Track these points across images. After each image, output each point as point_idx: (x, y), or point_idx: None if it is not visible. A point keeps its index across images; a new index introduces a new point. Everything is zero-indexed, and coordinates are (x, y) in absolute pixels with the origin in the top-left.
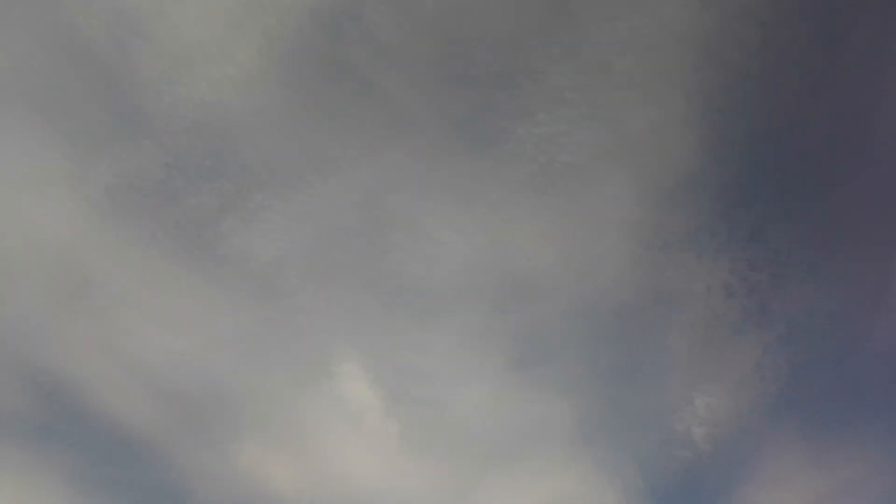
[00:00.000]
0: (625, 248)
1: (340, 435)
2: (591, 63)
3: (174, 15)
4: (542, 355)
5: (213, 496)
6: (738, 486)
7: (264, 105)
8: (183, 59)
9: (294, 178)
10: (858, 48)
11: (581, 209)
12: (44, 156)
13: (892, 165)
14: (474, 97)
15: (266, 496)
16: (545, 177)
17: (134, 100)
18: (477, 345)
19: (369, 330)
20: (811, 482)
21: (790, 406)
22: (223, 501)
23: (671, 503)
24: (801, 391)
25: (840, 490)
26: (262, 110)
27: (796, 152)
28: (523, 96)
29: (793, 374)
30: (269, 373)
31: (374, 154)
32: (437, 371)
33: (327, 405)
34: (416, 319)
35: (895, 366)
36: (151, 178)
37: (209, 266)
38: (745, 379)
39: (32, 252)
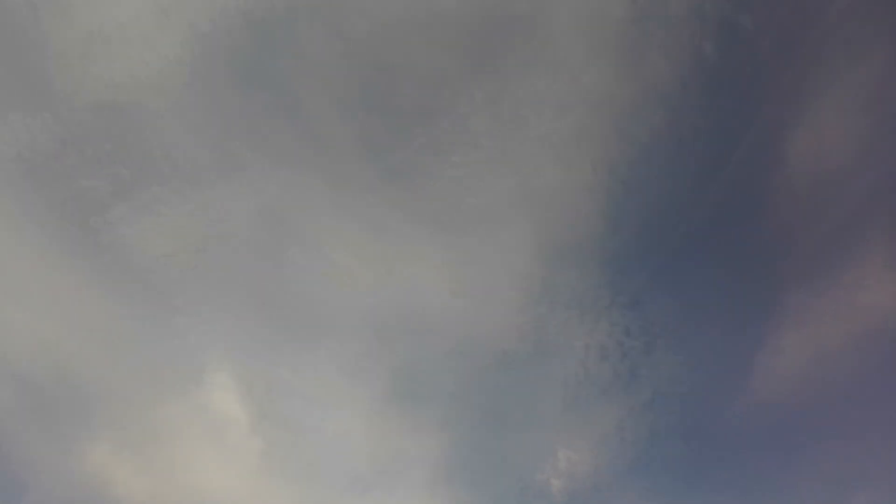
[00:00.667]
0: (515, 297)
1: (201, 446)
2: (510, 115)
3: None
4: (418, 391)
5: (47, 494)
6: None
7: (178, 97)
8: (101, 35)
9: (196, 176)
10: (754, 142)
11: (480, 253)
12: None
13: (769, 258)
14: (393, 127)
15: (106, 501)
16: (451, 216)
17: (40, 68)
18: (356, 372)
19: (249, 342)
20: None
21: (646, 469)
22: (57, 501)
23: None
24: (657, 456)
25: None
26: (175, 102)
27: (683, 232)
28: (441, 135)
29: (652, 439)
30: (135, 372)
31: (283, 167)
32: (311, 393)
33: (192, 414)
34: (299, 338)
35: (749, 441)
36: (44, 151)
37: (90, 253)
38: (607, 438)
39: None
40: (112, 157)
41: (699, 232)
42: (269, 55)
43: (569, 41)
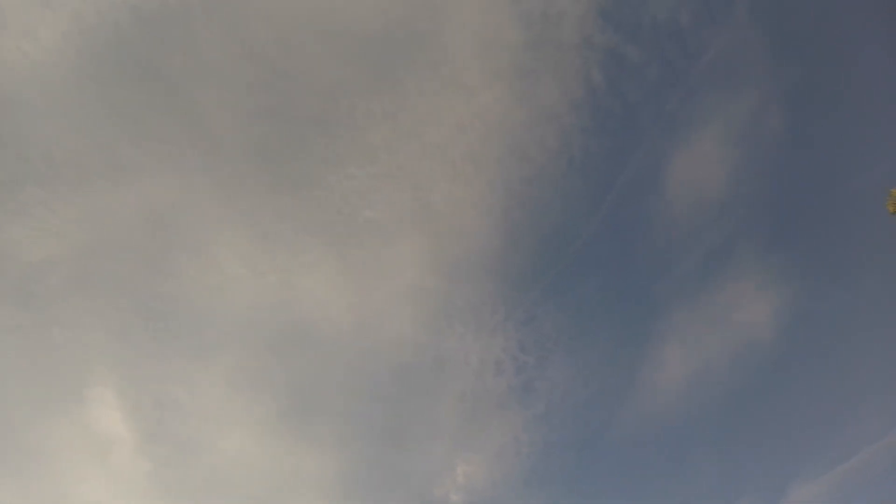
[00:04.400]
0: (411, 311)
1: (82, 466)
2: (407, 130)
3: None
4: (314, 407)
5: None
6: None
7: (59, 93)
8: None
9: (77, 178)
10: (639, 166)
11: (376, 266)
12: None
13: (652, 276)
14: (290, 136)
15: None
16: (347, 228)
17: None
18: (249, 387)
19: (133, 355)
20: None
21: (541, 480)
22: None
23: None
24: (551, 467)
25: None
26: (56, 98)
27: (574, 250)
28: (338, 146)
29: (547, 450)
30: (9, 387)
31: (171, 169)
32: (202, 410)
33: (72, 433)
34: (189, 352)
35: (636, 450)
36: None
37: None
38: (503, 451)
39: None
40: None
41: (588, 250)
42: (161, 53)
43: (466, 62)
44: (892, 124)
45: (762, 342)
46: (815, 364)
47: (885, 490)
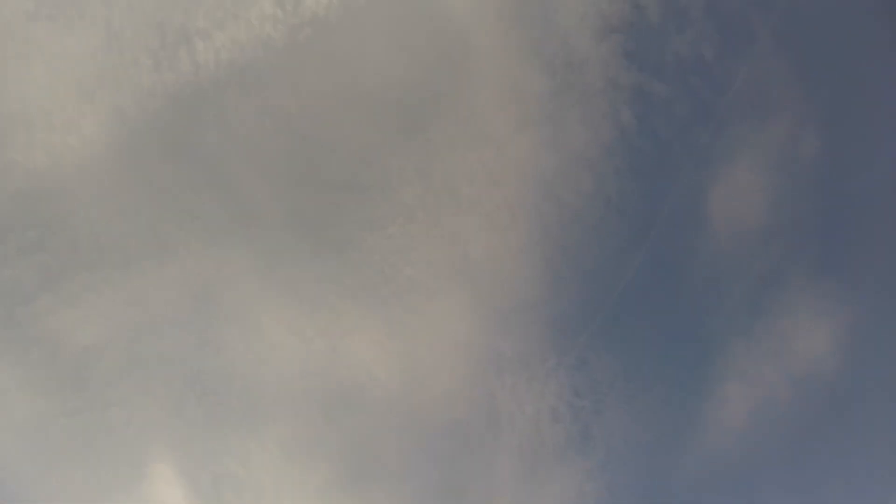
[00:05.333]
0: (459, 366)
1: None
2: (441, 186)
3: (19, 74)
4: (369, 471)
5: None
6: None
7: (103, 181)
8: (21, 121)
9: (125, 260)
10: (677, 202)
11: (420, 324)
12: None
13: (702, 311)
14: (325, 201)
15: None
16: (389, 288)
17: None
18: (303, 456)
19: (188, 431)
20: None
21: None
22: None
23: None
24: None
25: None
26: (101, 187)
27: (620, 291)
28: (374, 207)
29: (611, 499)
30: (72, 472)
31: (214, 244)
32: (258, 482)
33: None
34: (240, 423)
35: (705, 494)
36: None
37: (15, 347)
38: (566, 502)
39: None
40: (36, 245)
41: (634, 290)
42: (196, 133)
43: (493, 115)
44: None
45: (826, 371)
46: (886, 389)
47: None
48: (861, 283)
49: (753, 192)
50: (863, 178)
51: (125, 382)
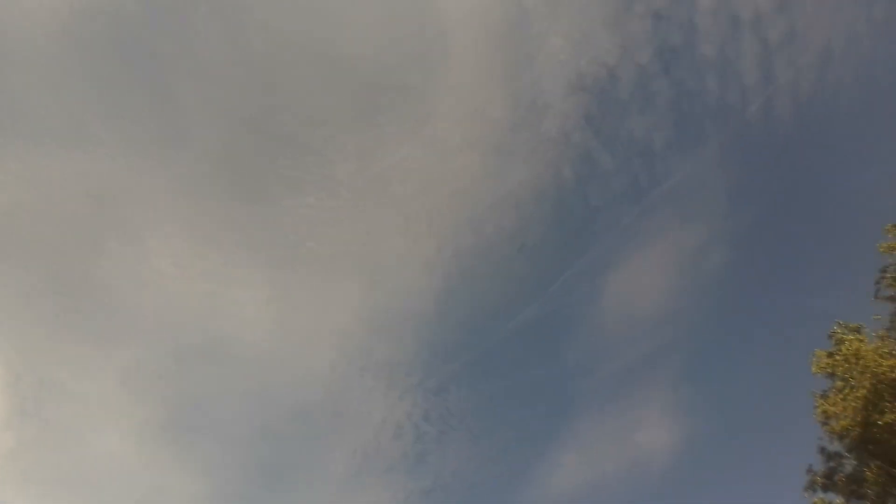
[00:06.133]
0: (328, 353)
1: None
2: (375, 175)
3: None
4: (201, 425)
5: None
6: None
7: (45, 48)
8: None
9: (37, 135)
10: (584, 268)
11: (306, 297)
12: None
13: (567, 378)
14: (260, 149)
15: None
16: (289, 254)
17: None
18: (143, 388)
19: (30, 325)
20: None
21: None
22: None
23: None
24: None
25: None
26: (40, 57)
27: (505, 333)
28: (303, 172)
29: None
30: None
31: (133, 153)
32: (85, 399)
33: None
34: (90, 336)
35: None
36: None
37: None
38: None
39: None
40: None
41: (517, 338)
42: (156, 38)
43: (448, 125)
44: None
45: (656, 467)
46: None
47: None
48: (711, 402)
49: (653, 285)
50: (753, 306)
51: None
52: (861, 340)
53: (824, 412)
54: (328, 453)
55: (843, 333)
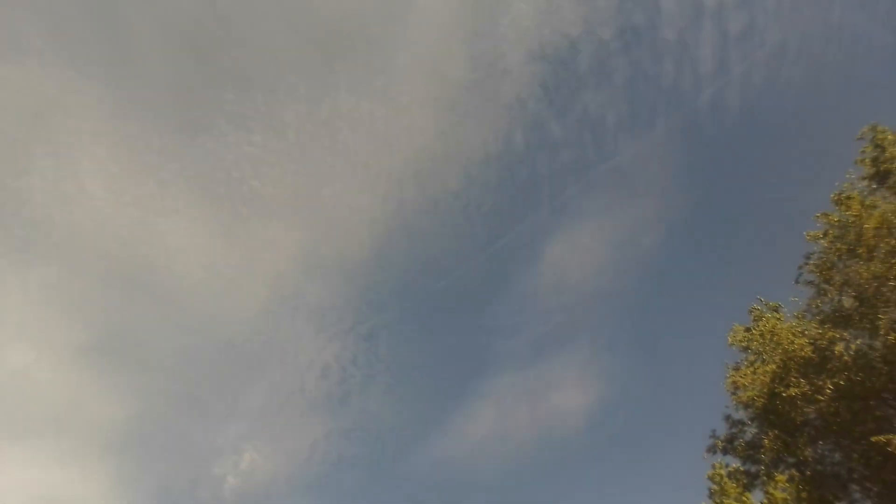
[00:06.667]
0: (261, 290)
1: None
2: (324, 121)
3: None
4: (125, 350)
5: None
6: None
7: None
8: None
9: None
10: (526, 231)
11: (242, 235)
12: None
13: (494, 336)
14: (209, 80)
15: None
16: (229, 191)
17: None
18: (64, 309)
19: None
20: None
21: (324, 491)
22: None
23: None
24: (338, 482)
25: None
26: None
27: (441, 287)
28: (252, 108)
29: (338, 465)
30: None
31: (74, 66)
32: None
33: None
34: (11, 251)
35: (421, 493)
36: None
37: None
38: (297, 453)
39: None
40: None
41: (450, 293)
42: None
43: (404, 79)
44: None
45: (569, 428)
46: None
47: None
48: (627, 375)
49: (588, 257)
50: (680, 287)
51: None
52: (778, 319)
53: (734, 382)
54: (252, 386)
55: (763, 311)
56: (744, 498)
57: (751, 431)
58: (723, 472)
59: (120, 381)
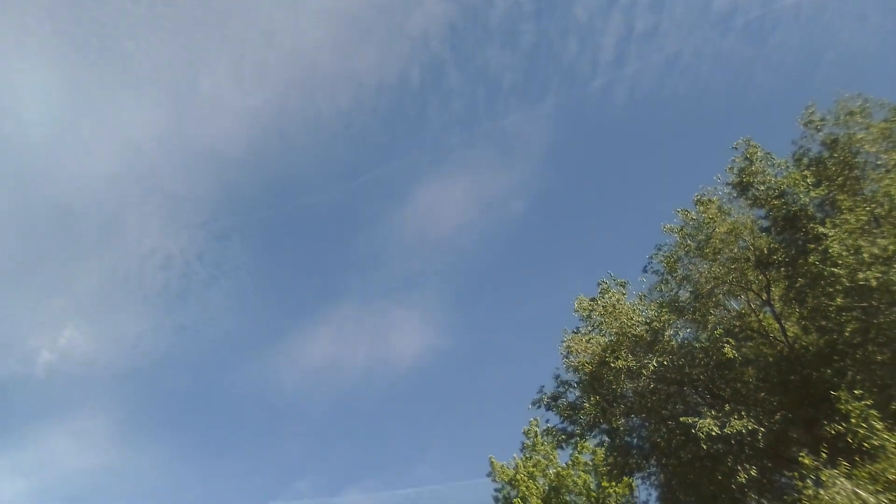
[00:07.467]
0: (116, 162)
1: None
2: (222, 5)
3: None
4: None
5: None
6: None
7: None
8: None
9: None
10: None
11: (107, 99)
12: None
13: (368, 267)
14: None
15: None
16: (99, 42)
17: None
18: None
19: None
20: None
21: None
22: None
23: None
24: (160, 380)
25: None
26: None
27: (313, 202)
28: None
29: (163, 360)
30: None
31: None
32: None
33: None
34: None
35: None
36: None
37: None
38: (123, 340)
39: None
40: None
41: (314, 213)
42: None
43: None
44: (604, 254)
45: (399, 367)
46: (424, 406)
47: None
48: (470, 328)
49: (457, 209)
50: (536, 257)
51: None
52: (623, 294)
53: (568, 346)
54: (86, 261)
55: (609, 286)
56: (551, 455)
57: (574, 394)
58: (537, 429)
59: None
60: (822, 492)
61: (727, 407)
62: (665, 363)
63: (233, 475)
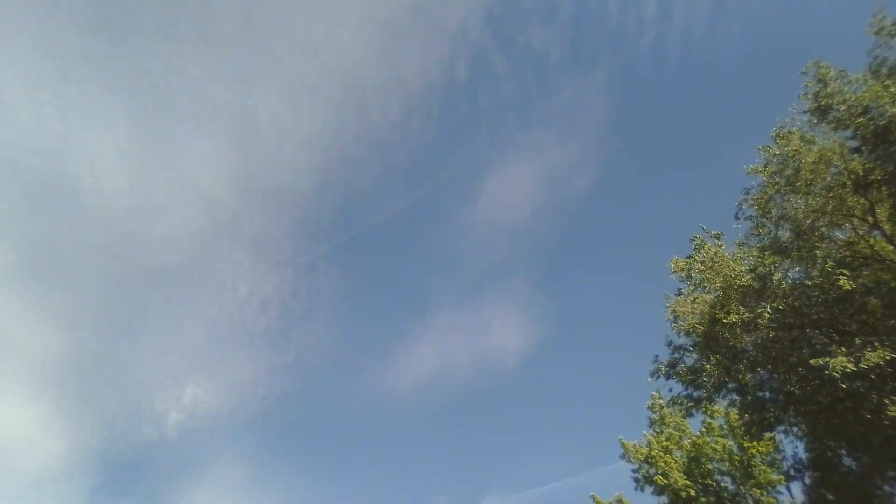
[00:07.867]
0: (195, 215)
1: None
2: (263, 36)
3: None
4: (57, 275)
5: None
6: (184, 482)
7: None
8: None
9: None
10: (465, 164)
11: (173, 153)
12: None
13: (446, 266)
14: None
15: None
16: (158, 104)
17: None
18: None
19: None
20: (253, 498)
21: (268, 426)
22: None
23: (119, 473)
24: (281, 417)
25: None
26: None
27: (379, 221)
28: (185, 19)
29: (281, 399)
30: None
31: None
32: None
33: None
34: None
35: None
36: None
37: None
38: (240, 388)
39: None
40: None
41: (390, 228)
42: None
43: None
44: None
45: (505, 364)
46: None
47: None
48: (563, 315)
49: (524, 195)
50: (613, 228)
51: None
52: (720, 246)
53: (674, 311)
54: (188, 318)
55: (703, 240)
56: (682, 426)
57: (692, 358)
58: (661, 401)
59: (50, 308)
60: None
61: (857, 341)
62: (780, 308)
63: (371, 498)
